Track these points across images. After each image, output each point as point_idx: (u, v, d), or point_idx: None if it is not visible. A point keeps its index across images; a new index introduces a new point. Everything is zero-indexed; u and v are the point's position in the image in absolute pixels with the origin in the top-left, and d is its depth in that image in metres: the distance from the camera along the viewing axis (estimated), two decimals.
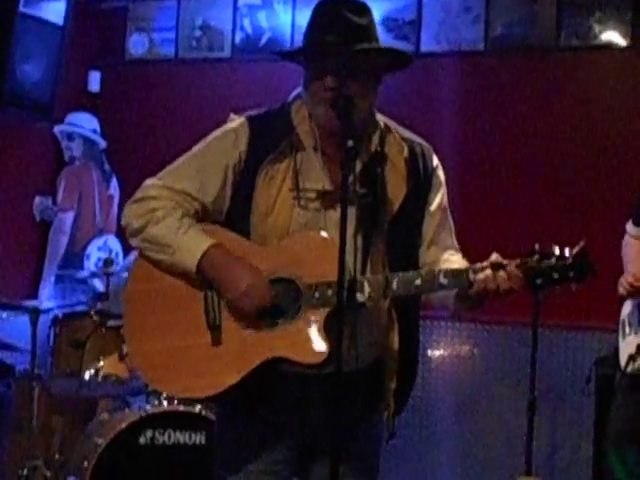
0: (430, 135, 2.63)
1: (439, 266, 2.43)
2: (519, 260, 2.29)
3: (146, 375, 2.46)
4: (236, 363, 2.34)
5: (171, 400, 4.06)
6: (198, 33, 6.15)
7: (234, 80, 5.98)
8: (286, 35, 5.88)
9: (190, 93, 6.11)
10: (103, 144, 5.79)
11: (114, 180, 5.85)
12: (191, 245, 2.37)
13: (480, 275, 2.28)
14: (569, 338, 5.09)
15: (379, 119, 2.50)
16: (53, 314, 4.62)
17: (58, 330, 4.46)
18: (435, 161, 2.55)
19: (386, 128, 2.50)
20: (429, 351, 5.35)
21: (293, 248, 2.37)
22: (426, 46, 5.55)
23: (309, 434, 2.45)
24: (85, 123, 5.75)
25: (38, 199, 5.71)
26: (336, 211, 2.35)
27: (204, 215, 2.46)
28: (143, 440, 3.97)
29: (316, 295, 2.32)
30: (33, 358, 4.33)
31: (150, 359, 2.42)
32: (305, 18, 2.46)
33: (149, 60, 6.29)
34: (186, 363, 2.39)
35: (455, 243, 2.58)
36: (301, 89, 2.47)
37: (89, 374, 4.27)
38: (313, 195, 2.41)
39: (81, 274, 5.34)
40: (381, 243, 2.41)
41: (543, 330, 4.57)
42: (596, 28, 5.19)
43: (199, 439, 4.03)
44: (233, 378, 2.34)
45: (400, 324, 2.43)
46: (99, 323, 4.36)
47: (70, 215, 5.61)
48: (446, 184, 2.57)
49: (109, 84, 6.34)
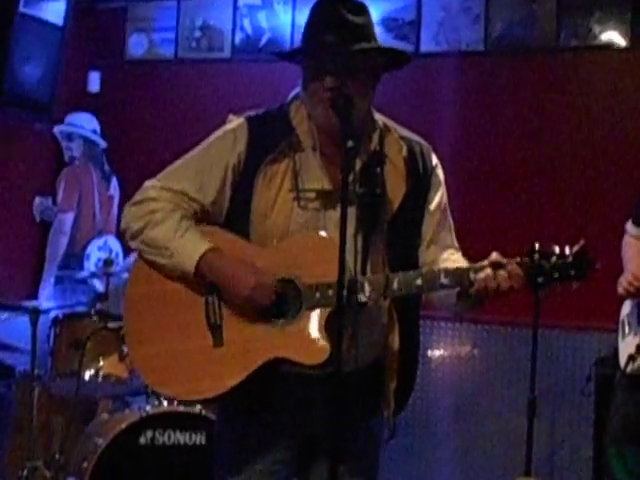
0: (430, 135, 2.63)
1: (439, 265, 2.44)
2: (519, 259, 2.30)
3: (147, 378, 2.45)
4: (238, 364, 2.34)
5: (171, 400, 4.04)
6: (198, 33, 6.15)
7: (234, 80, 5.98)
8: (286, 35, 5.88)
9: (190, 93, 6.11)
10: (103, 144, 5.79)
11: (114, 180, 5.84)
12: (189, 248, 2.37)
13: (480, 274, 2.28)
14: (569, 338, 5.08)
15: (378, 118, 2.50)
16: (53, 314, 4.61)
17: (58, 330, 4.45)
18: (434, 160, 2.55)
19: (385, 127, 2.49)
20: (429, 351, 5.35)
21: (293, 248, 2.37)
22: (426, 46, 5.55)
23: (309, 434, 2.45)
24: (85, 123, 5.74)
25: (38, 199, 5.70)
26: (335, 211, 2.35)
27: (203, 216, 2.46)
28: (143, 440, 3.96)
29: (317, 295, 2.32)
30: (33, 359, 4.32)
31: (151, 362, 2.42)
32: (305, 18, 2.45)
33: (149, 60, 6.29)
34: (187, 365, 2.38)
35: (455, 242, 2.58)
36: (299, 89, 2.47)
37: (89, 374, 4.27)
38: (312, 195, 2.41)
39: (81, 274, 5.33)
40: (381, 243, 2.41)
41: (543, 330, 4.56)
42: (596, 28, 5.19)
43: (199, 439, 4.02)
44: (235, 379, 2.34)
45: (400, 324, 2.43)
46: (99, 323, 4.36)
47: (70, 215, 5.61)
48: (446, 184, 2.57)
49: (109, 84, 6.33)
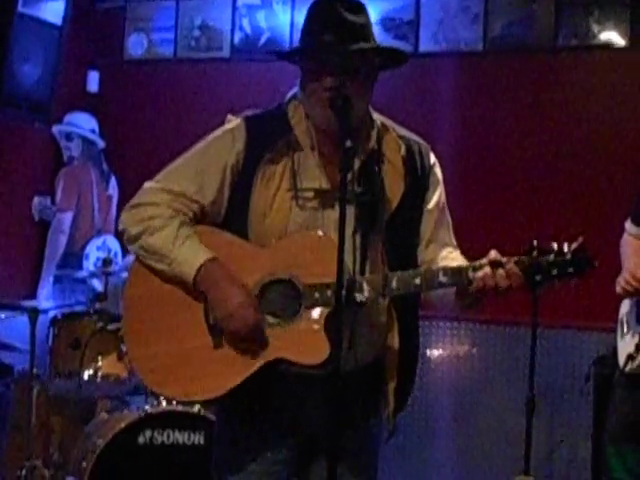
0: (428, 134, 2.62)
1: (438, 263, 2.44)
2: (517, 257, 2.29)
3: (147, 379, 2.44)
4: (237, 365, 2.34)
5: (170, 400, 4.05)
6: (197, 33, 6.15)
7: (233, 80, 5.98)
8: (285, 35, 5.87)
9: (189, 93, 6.11)
10: (102, 144, 5.79)
11: (113, 180, 5.84)
12: (188, 258, 2.36)
13: (479, 273, 2.28)
14: (568, 337, 5.08)
15: (376, 118, 2.50)
16: (52, 314, 4.62)
17: (57, 330, 4.46)
18: (432, 159, 2.54)
19: (383, 127, 2.49)
20: (428, 351, 5.35)
21: (291, 248, 2.36)
22: (424, 46, 5.54)
23: (309, 434, 2.45)
24: (84, 123, 5.74)
25: (37, 199, 5.71)
26: (334, 210, 2.35)
27: (202, 217, 2.45)
28: (142, 440, 3.96)
29: (315, 295, 2.32)
30: (32, 358, 4.33)
31: (151, 362, 2.41)
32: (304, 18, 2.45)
33: (148, 60, 6.28)
34: (187, 366, 2.38)
35: (453, 240, 2.57)
36: (297, 89, 2.47)
37: (88, 374, 4.27)
38: (311, 195, 2.40)
39: (80, 274, 5.34)
40: (379, 242, 2.40)
41: (542, 329, 4.57)
42: (595, 28, 5.19)
43: (198, 439, 4.02)
44: (235, 380, 2.33)
45: (400, 323, 2.43)
46: (98, 323, 4.36)
47: (69, 215, 5.61)
48: (444, 183, 2.56)
49: (108, 84, 6.33)
